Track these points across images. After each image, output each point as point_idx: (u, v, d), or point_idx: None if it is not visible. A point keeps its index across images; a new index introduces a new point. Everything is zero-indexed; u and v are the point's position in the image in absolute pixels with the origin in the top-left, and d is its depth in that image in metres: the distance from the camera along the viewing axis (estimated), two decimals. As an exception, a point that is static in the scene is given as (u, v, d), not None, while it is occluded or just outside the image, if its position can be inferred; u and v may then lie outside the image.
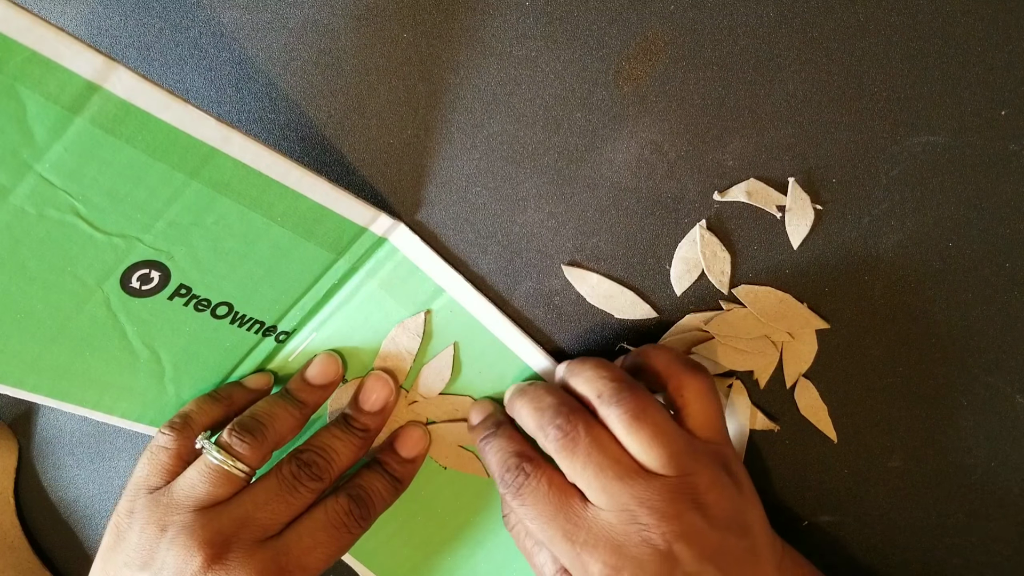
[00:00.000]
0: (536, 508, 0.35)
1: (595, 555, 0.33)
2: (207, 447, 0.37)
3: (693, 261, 0.39)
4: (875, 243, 0.38)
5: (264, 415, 0.39)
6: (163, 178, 0.32)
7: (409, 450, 0.43)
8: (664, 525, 0.33)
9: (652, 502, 0.33)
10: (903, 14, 0.36)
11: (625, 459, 0.34)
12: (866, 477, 0.41)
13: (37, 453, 0.50)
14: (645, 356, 0.38)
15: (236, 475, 0.37)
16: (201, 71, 0.41)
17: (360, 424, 0.41)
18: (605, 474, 0.34)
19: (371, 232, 0.39)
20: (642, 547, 0.33)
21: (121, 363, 0.39)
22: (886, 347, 0.39)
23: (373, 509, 0.40)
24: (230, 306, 0.39)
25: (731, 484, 0.35)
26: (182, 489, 0.37)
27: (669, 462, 0.34)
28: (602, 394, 0.35)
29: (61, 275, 0.34)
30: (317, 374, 0.42)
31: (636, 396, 0.35)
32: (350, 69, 0.40)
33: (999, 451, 0.40)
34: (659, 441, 0.34)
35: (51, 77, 0.28)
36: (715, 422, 0.37)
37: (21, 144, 0.30)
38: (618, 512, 0.33)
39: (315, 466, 0.38)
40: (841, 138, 0.38)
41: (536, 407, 0.37)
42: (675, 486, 0.33)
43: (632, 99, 0.38)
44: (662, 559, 0.33)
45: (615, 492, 0.33)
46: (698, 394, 0.36)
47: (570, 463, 0.34)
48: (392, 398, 0.42)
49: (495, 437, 0.38)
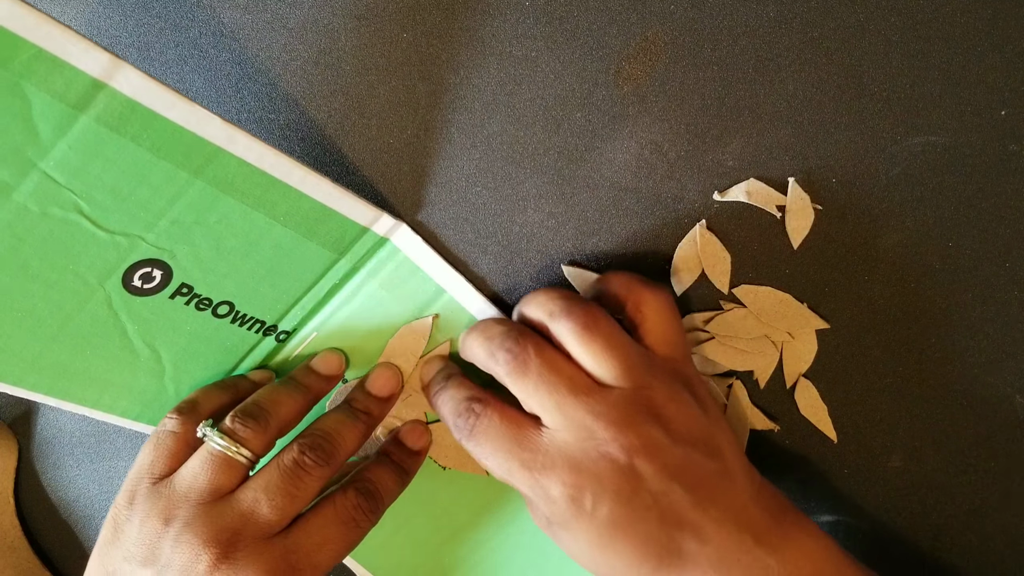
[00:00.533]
0: (490, 444, 0.34)
1: (553, 476, 0.32)
2: (209, 434, 0.36)
3: (693, 261, 0.39)
4: (875, 243, 0.38)
5: (267, 401, 0.38)
6: (167, 177, 0.32)
7: (415, 441, 0.42)
8: (622, 437, 0.32)
9: (608, 415, 0.32)
10: (903, 14, 0.36)
11: (579, 376, 0.34)
12: (866, 477, 0.41)
13: (37, 453, 0.50)
14: (604, 282, 0.38)
15: (239, 462, 0.36)
16: (201, 71, 0.42)
17: (364, 407, 0.40)
18: (559, 391, 0.33)
19: (373, 232, 0.39)
20: (601, 462, 0.32)
21: (121, 362, 0.39)
22: (886, 347, 0.39)
23: (382, 502, 0.39)
24: (231, 305, 0.39)
25: (692, 402, 0.34)
26: (184, 480, 0.35)
27: (624, 374, 0.33)
28: (553, 312, 0.35)
29: (63, 273, 0.34)
30: (322, 364, 0.41)
31: (587, 309, 0.34)
32: (350, 69, 0.40)
33: (999, 451, 0.40)
34: (612, 352, 0.33)
35: (57, 75, 0.28)
36: (674, 338, 0.36)
37: (26, 141, 0.30)
38: (574, 430, 0.33)
39: (320, 450, 0.37)
40: (841, 138, 0.38)
41: (485, 336, 0.36)
42: (631, 398, 0.33)
43: (632, 99, 0.39)
44: (623, 474, 0.32)
45: (569, 409, 0.33)
46: (656, 310, 0.36)
47: (522, 385, 0.34)
48: (399, 389, 0.42)
49: (446, 388, 0.38)
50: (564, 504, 0.33)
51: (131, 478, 0.37)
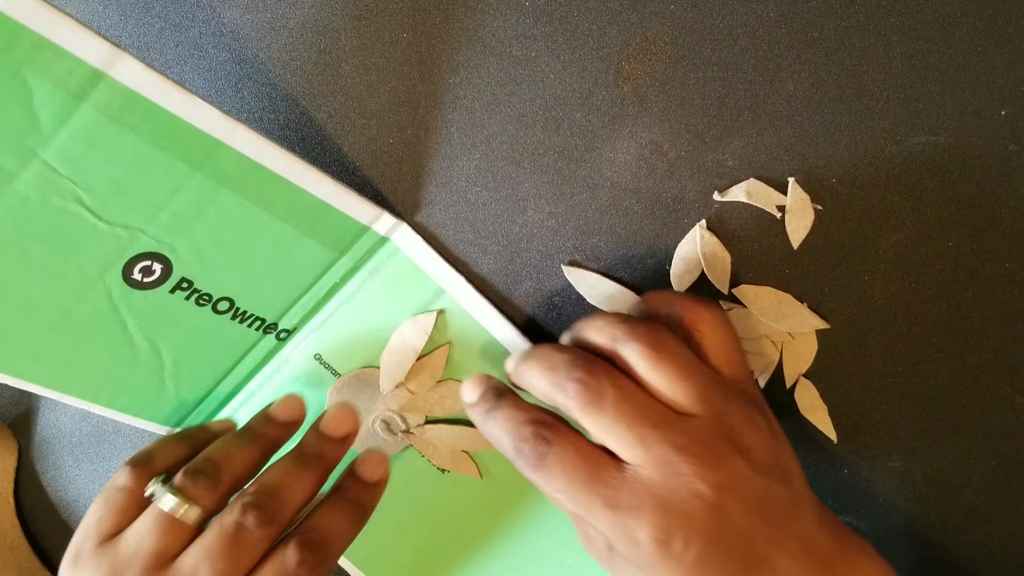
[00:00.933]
0: (565, 478, 0.31)
1: (641, 518, 0.29)
2: (158, 492, 0.34)
3: (693, 261, 0.39)
4: (875, 243, 0.38)
5: (220, 455, 0.35)
6: (167, 169, 0.33)
7: (372, 473, 0.38)
8: (710, 473, 0.29)
9: (692, 448, 0.30)
10: (903, 14, 0.36)
11: (656, 406, 0.31)
12: (866, 477, 0.41)
13: (37, 453, 0.50)
14: (651, 302, 0.35)
15: (186, 525, 0.33)
16: (201, 71, 0.42)
17: (316, 451, 0.37)
18: (639, 424, 0.30)
19: (373, 231, 0.39)
20: (691, 501, 0.29)
21: (121, 356, 0.39)
22: (886, 347, 0.39)
23: (330, 552, 0.35)
24: (231, 302, 0.39)
25: (765, 425, 0.32)
26: (130, 543, 0.33)
27: (700, 400, 0.31)
28: (616, 336, 0.32)
29: (63, 264, 0.34)
30: (281, 411, 0.39)
31: (653, 331, 0.32)
32: (350, 69, 0.40)
33: (999, 451, 0.39)
34: (686, 376, 0.31)
35: (58, 63, 0.28)
36: (736, 356, 0.34)
37: (27, 130, 0.30)
38: (659, 466, 0.30)
39: (262, 509, 0.33)
40: (841, 138, 0.38)
41: (548, 366, 0.32)
42: (711, 427, 0.31)
43: (632, 99, 0.39)
44: (712, 512, 0.29)
45: (652, 442, 0.30)
46: (714, 328, 0.34)
47: (598, 419, 0.31)
48: (355, 430, 0.39)
49: (500, 408, 0.34)
50: (650, 547, 0.30)
51: (78, 536, 0.35)
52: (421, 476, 0.44)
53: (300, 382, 0.43)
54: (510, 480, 0.43)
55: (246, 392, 0.44)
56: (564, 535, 0.43)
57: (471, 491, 0.44)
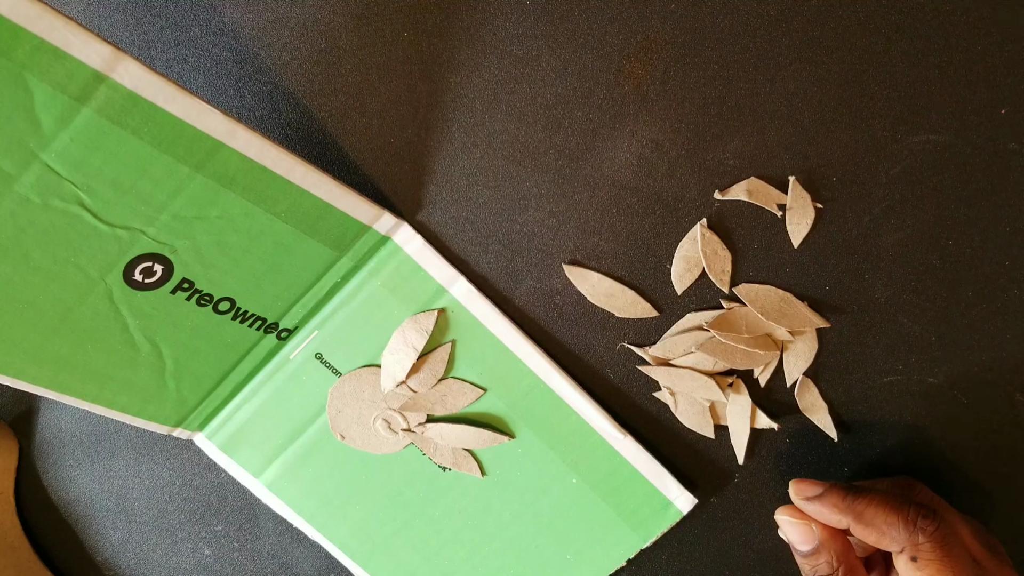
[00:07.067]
0: None
1: None
2: None
3: (694, 260, 0.40)
4: (875, 242, 0.38)
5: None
6: (168, 170, 0.33)
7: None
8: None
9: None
10: (903, 14, 0.36)
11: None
12: (866, 477, 0.41)
13: (37, 453, 0.50)
14: (888, 510, 0.34)
15: None
16: (202, 70, 0.42)
17: None
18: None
19: (374, 230, 0.39)
20: None
21: (122, 357, 0.39)
22: (886, 346, 0.39)
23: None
24: (232, 302, 0.39)
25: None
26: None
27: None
28: (904, 546, 0.33)
29: (64, 266, 0.34)
30: None
31: (948, 551, 0.33)
32: (351, 68, 0.40)
33: (999, 451, 0.40)
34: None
35: (59, 66, 0.28)
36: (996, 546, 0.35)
37: (28, 132, 0.30)
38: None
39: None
40: (841, 137, 0.38)
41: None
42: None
43: (633, 98, 0.39)
44: None
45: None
46: (971, 534, 0.35)
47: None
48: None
49: None
50: None
51: None
52: (422, 474, 0.44)
53: (301, 381, 0.43)
54: (511, 478, 0.43)
55: (247, 392, 0.44)
56: (565, 533, 0.43)
57: (472, 489, 0.44)
